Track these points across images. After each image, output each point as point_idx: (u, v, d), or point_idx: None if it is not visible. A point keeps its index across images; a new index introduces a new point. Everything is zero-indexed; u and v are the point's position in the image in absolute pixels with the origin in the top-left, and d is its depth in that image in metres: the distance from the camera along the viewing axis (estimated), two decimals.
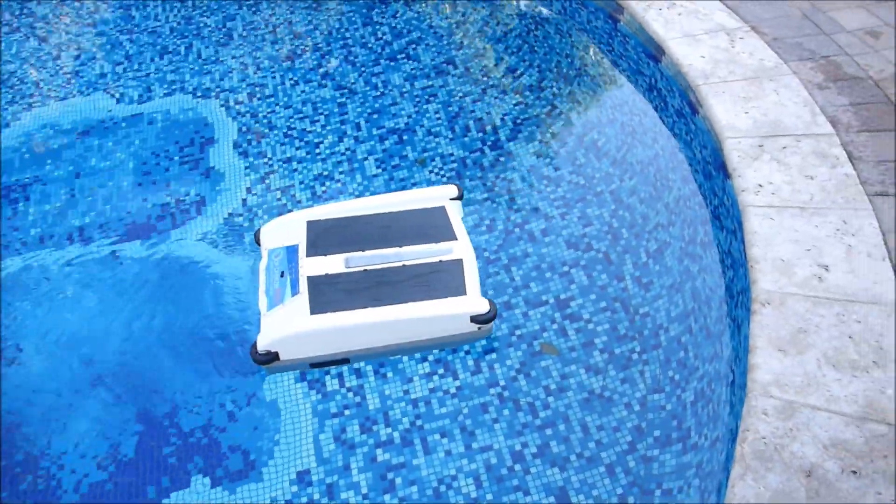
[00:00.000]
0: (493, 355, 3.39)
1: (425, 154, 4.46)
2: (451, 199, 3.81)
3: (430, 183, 4.26)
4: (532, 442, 3.10)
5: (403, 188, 4.22)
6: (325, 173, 4.38)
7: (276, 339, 3.23)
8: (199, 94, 5.06)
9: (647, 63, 4.31)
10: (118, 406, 3.33)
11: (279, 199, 4.24)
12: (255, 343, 3.25)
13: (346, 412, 3.24)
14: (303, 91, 5.01)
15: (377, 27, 5.55)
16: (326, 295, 3.33)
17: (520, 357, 3.39)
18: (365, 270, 3.44)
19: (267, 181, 4.36)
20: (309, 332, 3.24)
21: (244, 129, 4.74)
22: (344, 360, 3.39)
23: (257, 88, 5.06)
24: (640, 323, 3.42)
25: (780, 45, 3.97)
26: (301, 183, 4.33)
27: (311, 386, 3.34)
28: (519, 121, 4.62)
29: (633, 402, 3.15)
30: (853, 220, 2.96)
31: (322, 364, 3.39)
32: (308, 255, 3.53)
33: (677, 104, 3.96)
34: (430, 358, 3.40)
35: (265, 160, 4.50)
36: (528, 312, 3.54)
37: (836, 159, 3.24)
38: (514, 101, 4.76)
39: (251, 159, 4.51)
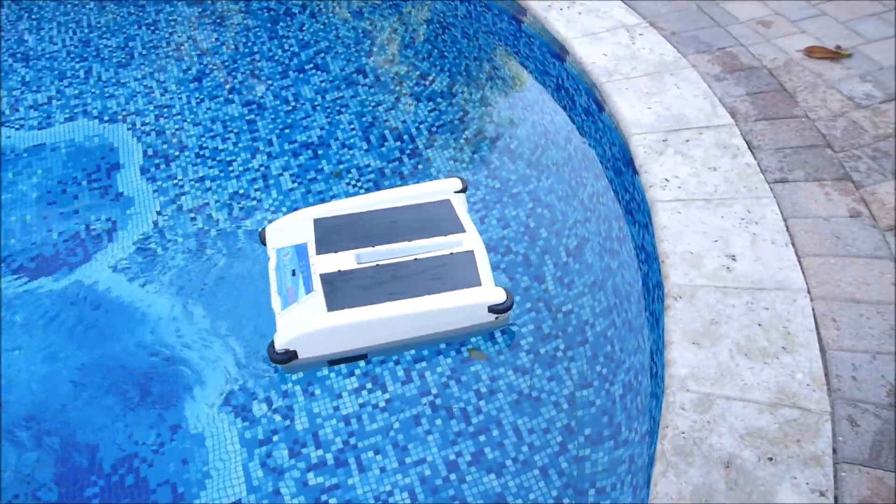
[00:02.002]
0: (423, 363, 3.40)
1: (341, 166, 4.42)
2: (456, 192, 3.82)
3: (347, 194, 4.23)
4: (466, 450, 3.11)
5: (322, 201, 4.18)
6: (241, 191, 4.30)
7: (294, 337, 3.20)
8: (105, 118, 4.90)
9: (552, 63, 4.37)
10: (37, 450, 3.20)
11: (193, 220, 4.13)
12: (273, 343, 3.22)
13: (275, 437, 3.19)
14: (209, 108, 4.90)
15: (283, 40, 5.47)
16: (341, 291, 3.33)
17: (450, 364, 3.40)
18: (377, 265, 3.44)
19: (178, 203, 4.25)
20: (327, 329, 3.22)
21: (151, 151, 4.61)
22: (361, 356, 3.39)
23: (164, 109, 4.92)
24: (563, 320, 3.47)
25: (678, 38, 4.08)
26: (217, 202, 4.24)
27: (238, 413, 3.28)
28: (434, 128, 4.62)
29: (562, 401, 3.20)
30: (756, 208, 3.06)
31: (340, 361, 3.38)
32: (318, 252, 3.51)
33: (584, 102, 4.02)
34: (358, 371, 3.38)
35: (175, 181, 4.39)
36: None
37: (737, 149, 3.35)
38: (427, 109, 4.76)
39: (160, 182, 4.39)
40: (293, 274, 3.46)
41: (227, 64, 5.29)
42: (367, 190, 4.25)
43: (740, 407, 2.36)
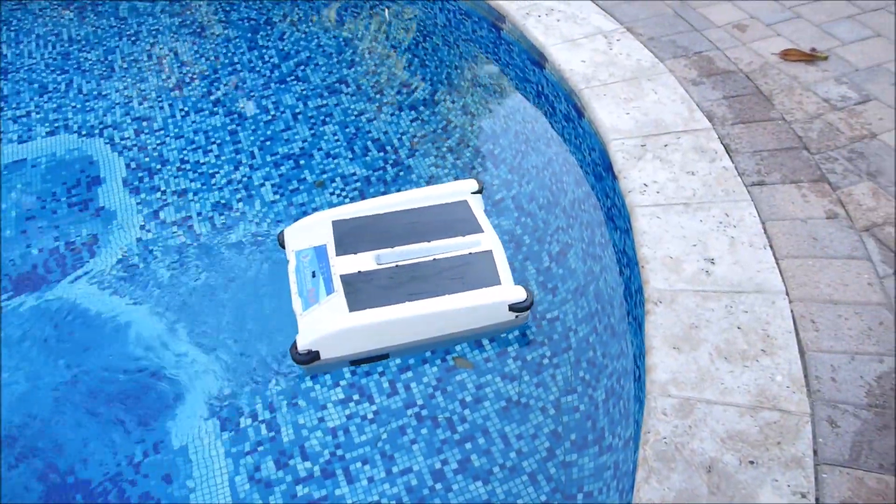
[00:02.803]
0: (409, 373, 3.40)
1: (324, 176, 4.43)
2: (473, 193, 3.85)
3: (331, 204, 4.24)
4: (453, 458, 3.11)
5: (305, 213, 4.18)
6: (223, 202, 4.29)
7: (316, 338, 3.22)
8: (83, 132, 4.88)
9: (532, 70, 4.39)
10: (18, 467, 3.18)
11: (175, 233, 4.12)
12: (295, 344, 3.25)
13: (260, 448, 3.19)
14: (193, 121, 4.89)
15: (263, 51, 5.47)
16: (362, 292, 3.35)
17: (435, 373, 3.41)
18: (397, 266, 3.47)
19: (161, 216, 4.25)
20: (349, 330, 3.24)
21: (133, 164, 4.60)
22: (383, 356, 3.42)
23: (144, 122, 4.91)
24: (548, 327, 3.49)
25: (655, 44, 4.11)
26: (199, 214, 4.23)
27: (223, 426, 3.27)
28: (416, 135, 4.63)
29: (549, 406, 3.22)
30: (734, 211, 3.09)
31: (361, 361, 3.40)
32: (338, 253, 3.53)
33: (564, 109, 4.04)
34: (343, 382, 3.39)
35: (158, 194, 4.38)
36: None
37: (715, 153, 3.38)
38: (409, 117, 4.77)
39: (143, 195, 4.38)
40: (313, 275, 3.48)
41: (208, 75, 5.29)
42: (353, 199, 4.25)
43: (721, 411, 2.38)
